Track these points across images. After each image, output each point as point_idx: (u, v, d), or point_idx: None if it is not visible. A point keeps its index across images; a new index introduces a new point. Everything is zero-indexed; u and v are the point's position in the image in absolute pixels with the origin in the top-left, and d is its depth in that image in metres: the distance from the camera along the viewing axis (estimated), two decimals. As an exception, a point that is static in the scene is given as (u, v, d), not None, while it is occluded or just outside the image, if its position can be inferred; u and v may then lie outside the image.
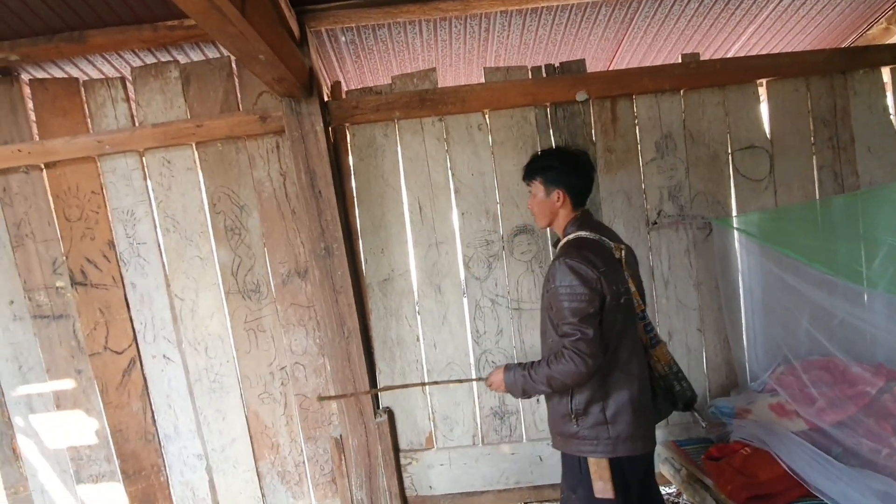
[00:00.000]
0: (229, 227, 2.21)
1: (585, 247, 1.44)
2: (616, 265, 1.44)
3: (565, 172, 1.54)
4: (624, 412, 1.42)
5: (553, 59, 2.53)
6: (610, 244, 1.47)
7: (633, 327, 1.48)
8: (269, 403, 2.28)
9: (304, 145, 2.04)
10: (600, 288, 1.37)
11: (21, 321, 2.21)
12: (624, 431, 1.42)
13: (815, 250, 2.06)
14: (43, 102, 2.14)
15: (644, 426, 1.46)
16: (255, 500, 2.33)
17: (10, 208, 2.17)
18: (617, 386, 1.43)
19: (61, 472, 2.29)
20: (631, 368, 1.44)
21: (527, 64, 2.27)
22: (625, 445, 1.42)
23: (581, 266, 1.37)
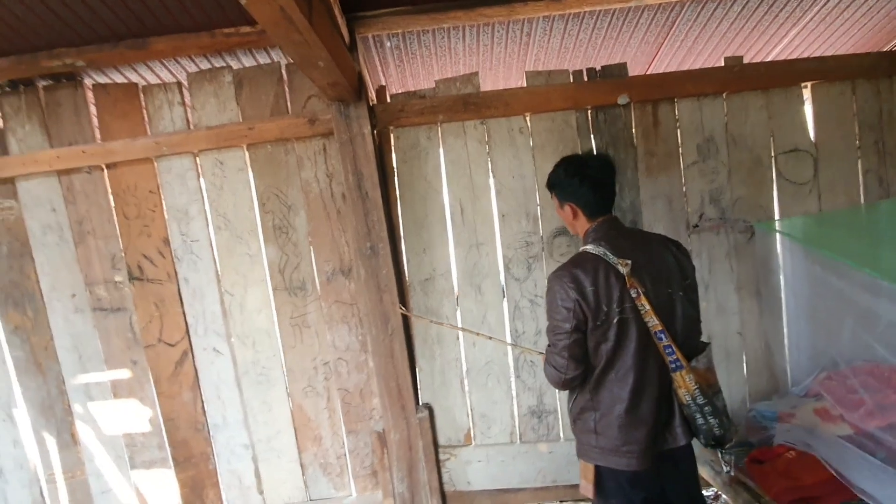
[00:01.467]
0: (277, 226, 2.29)
1: (579, 264, 1.47)
2: (615, 282, 1.42)
3: (572, 185, 1.55)
4: (611, 426, 1.46)
5: (592, 62, 2.55)
6: (614, 259, 1.43)
7: (636, 345, 1.44)
8: (312, 397, 2.36)
9: (352, 147, 2.11)
10: (579, 309, 1.42)
11: (82, 313, 2.33)
12: (609, 444, 1.47)
13: (862, 254, 2.04)
14: (105, 106, 2.25)
15: (633, 444, 1.45)
16: (297, 490, 2.41)
17: (74, 206, 2.28)
18: (607, 400, 1.48)
19: (116, 457, 2.40)
20: (625, 385, 1.45)
21: (567, 67, 2.30)
22: (611, 458, 1.48)
23: (563, 286, 1.45)
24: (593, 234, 1.54)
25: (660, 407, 1.48)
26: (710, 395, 1.47)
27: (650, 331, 1.44)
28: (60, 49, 2.08)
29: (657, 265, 1.49)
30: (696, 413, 1.47)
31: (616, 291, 1.43)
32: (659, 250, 1.53)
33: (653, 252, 1.51)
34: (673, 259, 1.53)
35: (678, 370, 1.45)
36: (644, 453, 1.46)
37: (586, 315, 1.43)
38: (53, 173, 2.26)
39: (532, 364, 2.30)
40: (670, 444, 1.50)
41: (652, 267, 1.48)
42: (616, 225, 1.56)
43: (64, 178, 2.27)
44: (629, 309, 1.43)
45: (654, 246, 1.53)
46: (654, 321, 1.42)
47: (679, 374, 1.45)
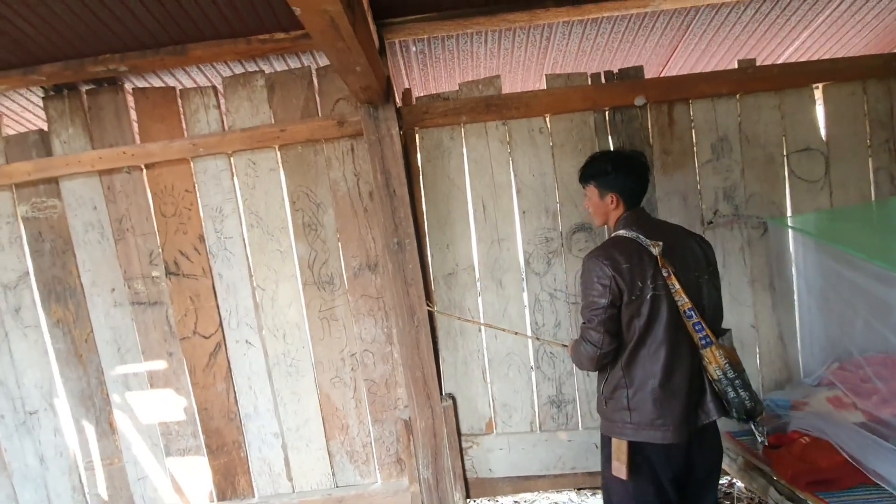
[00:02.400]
0: (307, 223, 2.39)
1: (615, 245, 1.56)
2: (647, 261, 1.50)
3: (619, 177, 1.63)
4: (645, 401, 1.51)
5: (608, 65, 2.64)
6: (646, 241, 1.51)
7: (667, 321, 1.50)
8: (339, 387, 2.46)
9: (380, 148, 2.21)
10: (615, 285, 1.49)
11: (121, 307, 2.44)
12: (644, 419, 1.51)
13: (874, 247, 2.11)
14: (144, 109, 2.37)
15: (668, 416, 1.50)
16: (325, 476, 2.50)
17: (114, 205, 2.40)
18: (640, 376, 1.53)
19: (152, 445, 2.51)
20: (657, 360, 1.50)
21: (584, 70, 2.39)
22: (646, 432, 1.52)
23: (598, 263, 1.52)
24: (625, 220, 1.62)
25: (692, 383, 1.52)
26: (739, 370, 1.53)
27: (680, 309, 1.50)
28: (105, 55, 2.20)
29: (684, 250, 1.58)
30: (727, 387, 1.51)
31: (650, 269, 1.50)
32: (683, 238, 1.63)
33: (679, 239, 1.60)
34: (697, 247, 1.62)
35: (708, 346, 1.50)
36: (679, 427, 1.50)
37: (622, 290, 1.50)
38: (95, 173, 2.38)
39: (552, 355, 2.38)
40: (703, 420, 1.55)
41: (679, 251, 1.56)
42: (644, 214, 1.67)
43: (105, 178, 2.39)
44: (661, 286, 1.50)
45: (679, 233, 1.64)
46: (684, 299, 1.49)
47: (709, 350, 1.50)
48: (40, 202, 2.41)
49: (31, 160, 2.37)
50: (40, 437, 2.53)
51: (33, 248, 2.44)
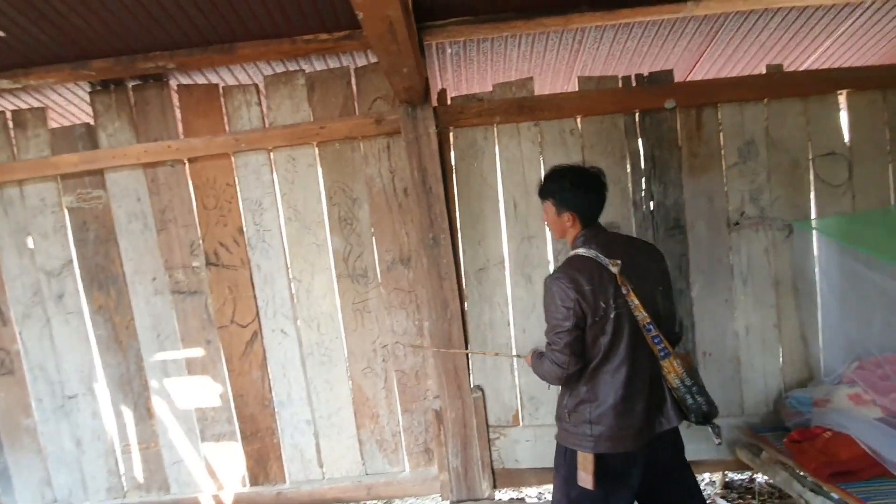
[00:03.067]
0: (342, 218, 2.47)
1: (576, 266, 1.60)
2: (608, 281, 1.56)
3: (578, 195, 1.67)
4: (607, 415, 1.58)
5: (636, 69, 2.70)
6: (605, 260, 1.56)
7: (628, 337, 1.57)
8: (370, 377, 2.53)
9: (417, 146, 2.28)
10: (578, 308, 1.55)
11: (161, 295, 2.52)
12: (605, 433, 1.58)
13: (894, 251, 2.18)
14: (188, 105, 2.45)
15: (627, 428, 1.58)
16: (355, 464, 2.58)
17: (157, 197, 2.48)
18: (603, 391, 1.59)
19: (188, 430, 2.60)
20: (619, 375, 1.57)
21: (613, 74, 2.45)
22: (605, 444, 1.58)
23: (561, 286, 1.57)
24: (583, 238, 1.66)
25: (651, 393, 1.61)
26: (695, 376, 1.63)
27: (640, 324, 1.58)
28: (155, 52, 2.28)
29: (641, 265, 1.64)
30: (685, 394, 1.60)
31: (611, 288, 1.56)
32: (640, 251, 1.69)
33: (635, 253, 1.66)
34: (652, 260, 1.70)
35: (667, 357, 1.59)
36: (637, 434, 1.59)
37: (585, 312, 1.55)
38: (139, 166, 2.46)
39: (578, 350, 2.45)
40: (665, 426, 1.64)
41: (636, 267, 1.61)
42: (602, 230, 1.71)
43: (149, 171, 2.47)
44: (622, 304, 1.56)
45: (635, 248, 1.70)
46: (644, 314, 1.56)
47: (668, 361, 1.59)
48: (85, 193, 2.50)
49: (78, 152, 2.45)
50: (78, 421, 2.62)
51: (77, 236, 2.52)
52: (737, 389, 2.46)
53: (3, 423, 2.63)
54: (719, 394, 2.40)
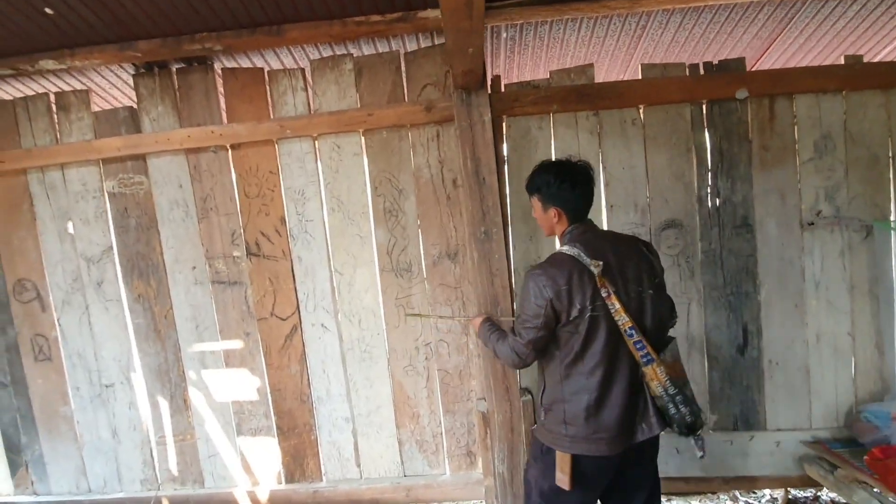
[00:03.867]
0: (388, 209, 2.37)
1: (556, 264, 1.57)
2: (587, 282, 1.51)
3: (563, 191, 1.62)
4: (579, 416, 1.56)
5: (700, 57, 2.55)
6: (587, 260, 1.52)
7: (605, 339, 1.53)
8: (412, 376, 2.44)
9: (471, 134, 2.17)
10: (550, 310, 1.53)
11: (201, 285, 2.46)
12: (579, 433, 1.56)
13: None
14: (233, 90, 2.38)
15: (603, 431, 1.55)
16: (394, 464, 2.49)
17: (199, 184, 2.42)
18: (576, 392, 1.57)
19: (224, 423, 2.54)
20: (594, 377, 1.54)
21: (676, 61, 2.31)
22: (580, 446, 1.56)
23: (538, 285, 1.55)
24: (569, 235, 1.62)
25: (631, 399, 1.56)
26: (680, 385, 1.56)
27: (620, 328, 1.52)
28: (202, 34, 2.21)
29: (628, 265, 1.57)
30: (668, 403, 1.54)
31: (589, 290, 1.51)
32: (630, 251, 1.61)
33: (624, 253, 1.59)
34: (643, 259, 1.61)
35: (649, 364, 1.52)
36: (613, 440, 1.55)
37: (557, 314, 1.54)
38: (182, 152, 2.40)
39: (634, 354, 2.32)
40: (646, 434, 1.58)
41: (623, 267, 1.56)
42: (591, 227, 1.65)
43: (192, 157, 2.41)
44: (600, 307, 1.51)
45: (625, 247, 1.62)
46: (625, 319, 1.50)
47: (650, 368, 1.52)
48: (127, 178, 2.45)
49: (121, 136, 2.40)
50: (115, 410, 2.58)
51: (118, 223, 2.47)
52: (804, 401, 2.30)
53: (41, 409, 2.61)
54: (786, 405, 2.28)
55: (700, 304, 2.29)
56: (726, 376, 2.31)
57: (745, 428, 2.33)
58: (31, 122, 2.46)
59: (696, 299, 2.29)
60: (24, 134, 2.47)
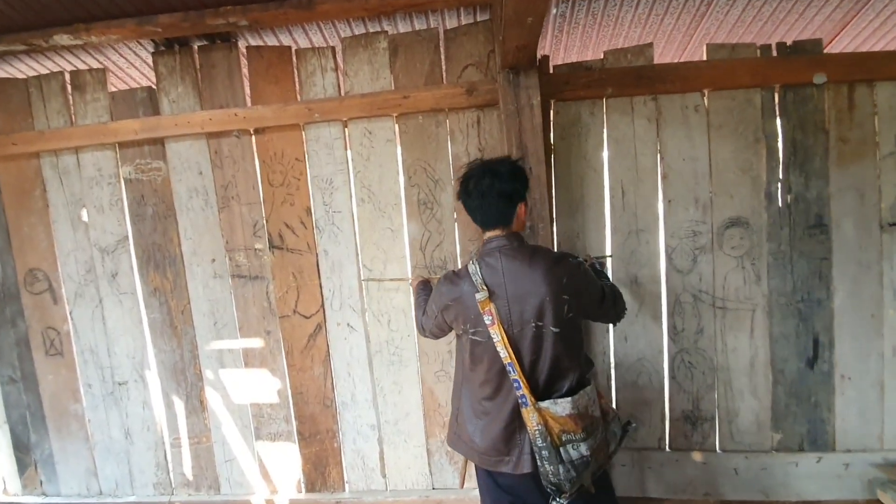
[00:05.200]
0: (422, 201, 2.19)
1: (452, 278, 1.52)
2: (472, 305, 1.43)
3: (466, 200, 1.51)
4: (465, 420, 1.56)
5: (766, 39, 2.32)
6: (478, 282, 1.42)
7: (489, 364, 1.46)
8: (444, 381, 2.25)
9: (518, 119, 1.97)
10: (441, 317, 1.56)
11: (220, 279, 2.30)
12: (462, 435, 1.57)
13: None
14: (257, 69, 2.20)
15: (475, 443, 1.52)
16: (422, 476, 2.31)
17: (220, 170, 2.25)
18: (467, 397, 1.56)
19: (242, 427, 2.38)
20: (482, 391, 1.50)
21: (741, 43, 2.08)
22: (461, 446, 1.58)
23: (438, 290, 1.56)
24: (482, 249, 1.52)
25: (510, 427, 1.46)
26: (558, 441, 1.40)
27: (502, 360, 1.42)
28: (227, 7, 2.03)
29: (530, 296, 1.40)
30: (536, 454, 1.42)
31: (472, 313, 1.44)
32: (539, 279, 1.40)
33: (530, 281, 1.41)
34: (558, 290, 1.40)
35: (524, 406, 1.41)
36: (483, 456, 1.51)
37: (448, 322, 1.56)
38: (203, 136, 2.24)
39: (690, 365, 2.11)
40: (512, 468, 1.47)
41: (522, 297, 1.41)
42: (509, 241, 1.47)
43: (213, 142, 2.24)
44: (482, 332, 1.44)
45: (537, 274, 1.41)
46: (506, 352, 1.40)
47: (525, 411, 1.41)
48: (144, 164, 2.29)
49: (139, 118, 2.24)
50: (128, 410, 2.44)
51: (134, 211, 2.32)
52: (877, 420, 2.08)
53: (51, 406, 2.47)
54: (857, 424, 2.06)
55: (765, 312, 2.08)
56: (792, 392, 2.09)
57: (812, 448, 2.11)
58: (44, 103, 2.31)
59: (762, 306, 2.07)
60: (37, 115, 2.32)
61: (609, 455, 1.54)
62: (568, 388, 1.46)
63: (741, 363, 2.09)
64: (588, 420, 1.44)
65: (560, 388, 1.46)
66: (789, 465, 2.10)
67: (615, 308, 1.62)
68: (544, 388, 1.45)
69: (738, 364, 2.09)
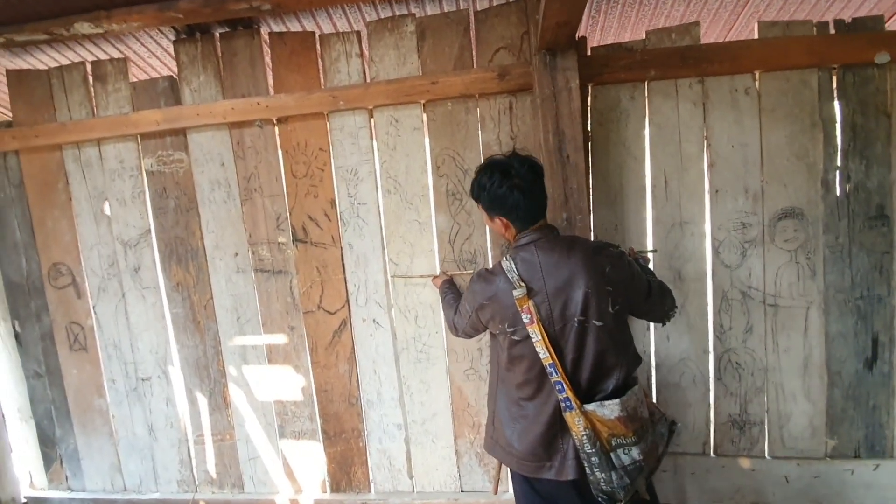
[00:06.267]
0: (451, 192, 2.09)
1: (486, 276, 1.46)
2: (510, 303, 1.36)
3: (499, 196, 1.39)
4: (502, 423, 1.49)
5: (820, 16, 2.16)
6: (514, 279, 1.36)
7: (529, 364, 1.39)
8: (474, 380, 2.16)
9: (555, 104, 1.85)
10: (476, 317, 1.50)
11: (243, 274, 2.24)
12: (499, 440, 1.51)
13: None
14: (280, 56, 2.13)
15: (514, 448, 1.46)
16: (451, 478, 2.23)
17: (243, 161, 2.19)
18: (504, 399, 1.50)
19: (266, 424, 2.32)
20: (521, 392, 1.44)
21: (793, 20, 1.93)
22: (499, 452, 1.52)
23: (472, 290, 1.50)
24: (515, 245, 1.45)
25: (551, 432, 1.40)
26: (607, 446, 1.32)
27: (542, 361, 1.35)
28: (249, -9, 1.96)
29: (571, 289, 1.33)
30: (584, 461, 1.34)
31: (510, 312, 1.38)
32: (580, 271, 1.33)
33: (571, 273, 1.34)
34: (599, 282, 1.33)
35: (568, 410, 1.34)
36: (522, 462, 1.45)
37: (483, 322, 1.49)
38: (225, 126, 2.17)
39: (737, 366, 1.99)
40: (555, 475, 1.40)
41: (562, 291, 1.34)
42: (544, 235, 1.41)
43: (235, 132, 2.18)
44: (521, 331, 1.37)
45: (575, 266, 1.34)
46: (545, 353, 1.33)
47: (569, 415, 1.33)
48: (166, 155, 2.24)
49: (160, 109, 2.19)
50: (151, 406, 2.41)
51: (156, 204, 2.27)
52: (943, 427, 1.93)
53: (75, 402, 2.45)
54: (925, 433, 1.90)
55: (821, 309, 1.93)
56: (849, 395, 1.95)
57: (869, 455, 1.97)
58: (66, 94, 2.27)
59: (817, 303, 1.93)
60: (59, 107, 2.28)
61: (658, 458, 1.44)
62: (613, 387, 1.37)
63: (794, 364, 1.95)
64: (638, 422, 1.35)
65: (605, 388, 1.38)
66: (845, 472, 1.96)
67: (663, 304, 1.51)
68: (587, 388, 1.37)
69: (791, 365, 1.96)
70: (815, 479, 1.97)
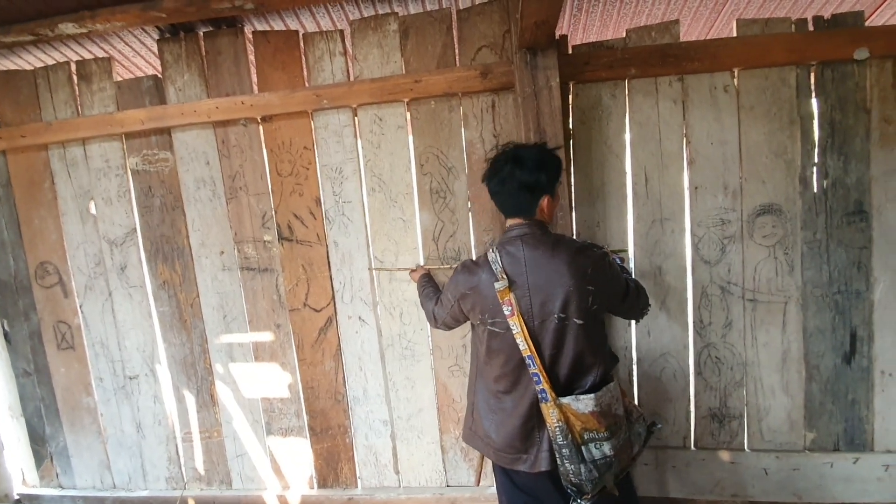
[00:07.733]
0: (434, 190, 2.11)
1: (470, 266, 1.48)
2: (490, 295, 1.39)
3: (490, 186, 1.48)
4: (480, 414, 1.52)
5: (803, 12, 2.17)
6: (497, 270, 1.38)
7: (506, 357, 1.42)
8: (458, 377, 2.18)
9: (535, 103, 1.87)
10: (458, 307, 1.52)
11: (229, 272, 2.26)
12: (478, 430, 1.53)
13: None
14: (264, 55, 2.13)
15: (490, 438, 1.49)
16: (436, 473, 2.25)
17: (228, 160, 2.20)
18: (482, 391, 1.53)
19: (253, 421, 2.34)
20: (498, 385, 1.46)
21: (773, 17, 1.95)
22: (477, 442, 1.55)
23: (455, 280, 1.52)
24: (503, 237, 1.48)
25: (528, 425, 1.42)
26: (580, 439, 1.35)
27: (521, 353, 1.38)
28: (232, -11, 1.97)
29: (552, 286, 1.35)
30: (556, 451, 1.37)
31: (490, 303, 1.40)
32: (561, 268, 1.35)
33: (552, 269, 1.36)
34: (579, 282, 1.35)
35: (544, 402, 1.37)
36: (499, 452, 1.47)
37: (464, 312, 1.52)
38: (210, 125, 2.18)
39: (717, 361, 2.01)
40: (529, 467, 1.42)
41: (544, 287, 1.36)
42: (530, 230, 1.43)
43: (220, 131, 2.19)
44: (500, 324, 1.39)
45: (559, 262, 1.36)
46: (525, 345, 1.36)
47: (545, 406, 1.37)
48: (151, 154, 2.25)
49: (145, 108, 2.19)
50: (139, 404, 2.42)
51: (142, 203, 2.28)
52: (920, 421, 1.95)
53: (64, 400, 2.46)
54: (902, 426, 1.93)
55: (799, 305, 1.95)
56: (828, 389, 1.98)
57: (849, 449, 1.99)
58: (51, 94, 2.28)
59: (795, 298, 1.95)
60: (44, 106, 2.29)
61: (633, 457, 1.47)
62: (591, 384, 1.40)
63: (773, 359, 1.98)
64: (611, 418, 1.37)
65: (583, 384, 1.40)
66: (824, 465, 1.99)
67: (638, 304, 1.54)
68: (565, 384, 1.39)
69: (770, 360, 1.98)
70: (795, 471, 2.00)
